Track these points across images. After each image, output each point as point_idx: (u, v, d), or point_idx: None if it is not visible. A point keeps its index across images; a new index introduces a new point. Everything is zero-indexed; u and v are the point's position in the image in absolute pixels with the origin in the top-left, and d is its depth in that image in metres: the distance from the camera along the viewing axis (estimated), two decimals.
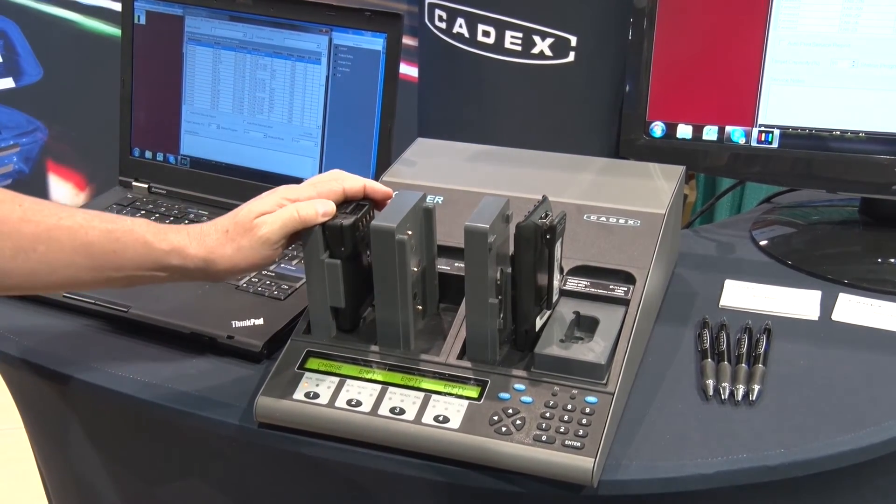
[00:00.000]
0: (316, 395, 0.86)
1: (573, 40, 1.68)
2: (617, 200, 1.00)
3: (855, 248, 1.18)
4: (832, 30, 1.08)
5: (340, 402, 0.86)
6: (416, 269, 0.88)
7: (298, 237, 0.86)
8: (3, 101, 2.43)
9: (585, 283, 0.93)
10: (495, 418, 0.82)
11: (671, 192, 1.01)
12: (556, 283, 0.88)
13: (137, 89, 1.27)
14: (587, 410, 0.82)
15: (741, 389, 0.89)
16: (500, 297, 0.85)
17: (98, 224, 0.82)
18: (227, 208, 1.18)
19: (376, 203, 0.90)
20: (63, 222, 0.81)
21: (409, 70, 2.19)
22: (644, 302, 0.90)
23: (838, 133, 1.11)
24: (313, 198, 0.87)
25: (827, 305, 1.04)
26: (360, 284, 0.90)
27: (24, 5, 2.38)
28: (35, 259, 0.79)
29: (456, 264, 0.94)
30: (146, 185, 1.27)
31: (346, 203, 0.89)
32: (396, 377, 0.87)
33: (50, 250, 0.80)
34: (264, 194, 0.87)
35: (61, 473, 1.15)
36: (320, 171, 1.17)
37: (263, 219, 0.85)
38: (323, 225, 0.86)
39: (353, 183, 0.89)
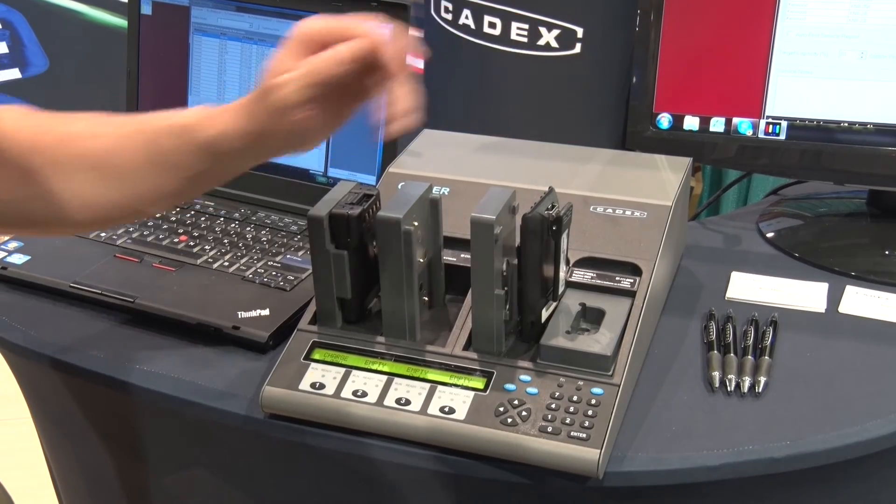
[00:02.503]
0: (322, 386, 0.86)
1: (579, 32, 1.67)
2: (623, 192, 0.99)
3: (862, 240, 1.18)
4: (840, 21, 1.07)
5: (346, 392, 0.86)
6: (422, 260, 0.88)
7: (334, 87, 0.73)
8: (8, 92, 2.43)
9: (592, 274, 0.93)
10: (501, 409, 0.82)
11: (678, 183, 1.01)
12: (562, 274, 0.88)
13: (144, 80, 1.27)
14: (593, 402, 0.82)
15: (747, 381, 0.89)
16: (506, 289, 0.85)
17: (155, 124, 0.74)
18: (232, 198, 1.20)
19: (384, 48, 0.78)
20: (124, 129, 0.74)
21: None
22: (650, 294, 0.90)
23: (846, 125, 1.11)
24: (335, 33, 0.75)
25: (834, 298, 1.04)
26: (366, 275, 0.90)
27: None
28: (116, 175, 0.73)
29: (462, 255, 0.94)
30: None
31: (352, 194, 0.89)
32: (402, 368, 0.87)
33: (127, 161, 0.73)
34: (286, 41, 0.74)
35: (68, 463, 1.16)
36: (326, 163, 1.17)
37: (281, 80, 0.71)
38: (329, 215, 0.86)
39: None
